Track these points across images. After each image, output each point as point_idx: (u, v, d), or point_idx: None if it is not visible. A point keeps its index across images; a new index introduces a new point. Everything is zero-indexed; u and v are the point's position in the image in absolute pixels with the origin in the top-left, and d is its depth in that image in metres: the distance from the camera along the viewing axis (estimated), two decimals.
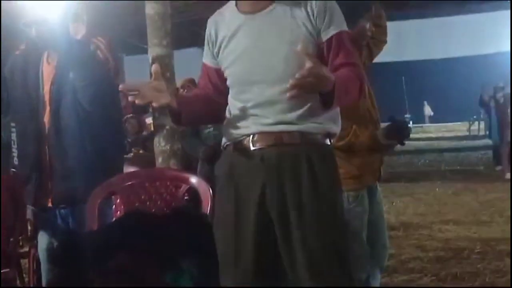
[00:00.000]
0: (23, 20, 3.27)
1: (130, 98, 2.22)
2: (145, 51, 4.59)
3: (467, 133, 22.77)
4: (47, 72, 3.37)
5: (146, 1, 3.78)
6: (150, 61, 3.99)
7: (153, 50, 3.79)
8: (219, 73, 2.45)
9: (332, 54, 2.29)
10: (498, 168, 12.11)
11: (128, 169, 4.47)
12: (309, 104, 2.27)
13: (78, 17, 3.37)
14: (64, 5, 3.33)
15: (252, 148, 2.31)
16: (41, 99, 3.36)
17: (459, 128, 24.84)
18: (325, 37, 2.28)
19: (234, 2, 2.40)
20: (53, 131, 3.31)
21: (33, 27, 3.27)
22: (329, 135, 2.37)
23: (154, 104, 2.26)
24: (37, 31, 3.27)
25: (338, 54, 2.29)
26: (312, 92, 2.12)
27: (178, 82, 5.91)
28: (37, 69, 3.39)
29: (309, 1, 2.28)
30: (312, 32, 2.27)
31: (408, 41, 16.43)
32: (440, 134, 23.78)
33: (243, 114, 2.33)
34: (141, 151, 6.75)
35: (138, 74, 9.73)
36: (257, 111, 2.30)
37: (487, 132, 15.46)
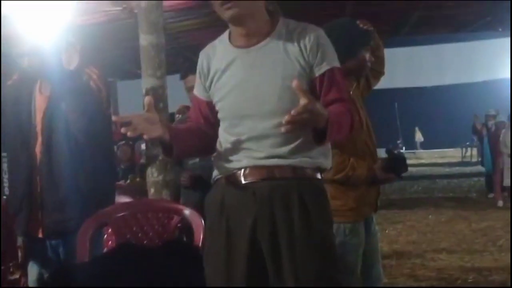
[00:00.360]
0: (15, 50, 3.27)
1: (122, 130, 2.21)
2: (138, 76, 4.60)
3: (460, 160, 22.83)
4: (39, 102, 3.36)
5: (140, 33, 3.79)
6: (144, 91, 3.98)
7: (147, 81, 3.80)
8: (210, 106, 2.45)
9: (324, 90, 2.29)
10: (491, 195, 12.13)
11: (121, 199, 4.46)
12: (301, 139, 2.27)
13: (72, 47, 3.36)
14: (57, 35, 3.33)
15: (243, 181, 2.30)
16: (33, 129, 3.34)
17: (451, 154, 24.90)
18: (317, 72, 2.29)
19: (227, 35, 2.40)
20: (45, 162, 3.29)
21: (25, 57, 3.27)
22: (320, 169, 2.37)
23: (145, 137, 2.25)
24: (30, 61, 3.27)
25: (330, 90, 2.29)
26: (306, 128, 2.12)
27: (175, 108, 5.93)
28: (30, 99, 3.38)
29: (302, 36, 2.29)
30: (305, 67, 2.28)
31: (400, 68, 16.54)
32: (432, 161, 23.81)
33: (235, 148, 2.33)
34: (138, 179, 6.73)
35: (131, 99, 9.76)
36: (249, 144, 2.30)
37: (480, 159, 15.52)
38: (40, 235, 3.37)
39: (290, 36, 2.30)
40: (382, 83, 4.35)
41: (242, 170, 2.31)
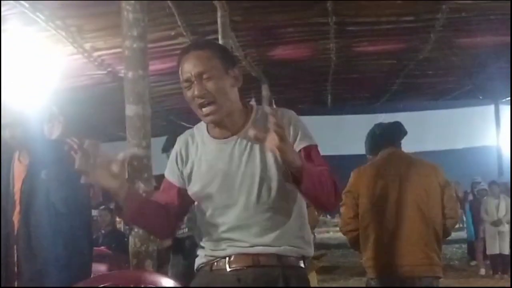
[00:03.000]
0: None
1: (82, 180, 2.16)
2: (122, 138, 4.60)
3: None
4: (18, 171, 3.33)
5: (126, 103, 3.80)
6: (129, 160, 3.97)
7: (132, 150, 3.78)
8: (180, 192, 2.42)
9: None
10: (473, 263, 12.09)
11: (100, 267, 4.37)
12: (284, 226, 2.28)
13: (54, 117, 3.35)
14: (41, 105, 3.33)
15: (228, 269, 2.29)
16: (10, 198, 3.30)
17: None
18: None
19: (204, 124, 2.40)
20: (22, 231, 3.24)
21: (6, 129, 3.25)
22: (304, 258, 2.37)
23: (100, 184, 2.19)
24: (11, 132, 3.25)
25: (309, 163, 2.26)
26: (283, 158, 2.04)
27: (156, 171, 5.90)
28: (8, 168, 3.34)
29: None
30: None
31: None
32: None
33: (219, 237, 2.32)
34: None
35: None
36: (233, 234, 2.30)
37: (461, 225, 15.54)
38: None
39: (263, 123, 2.26)
40: (363, 149, 4.36)
41: (227, 258, 2.30)
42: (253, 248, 2.27)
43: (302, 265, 2.36)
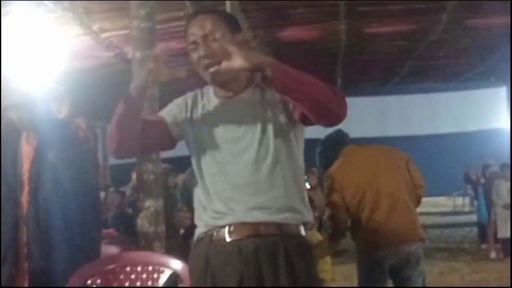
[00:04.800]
0: (3, 103, 3.27)
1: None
2: None
3: (452, 208, 22.75)
4: (26, 152, 3.34)
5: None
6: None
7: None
8: (165, 131, 2.41)
9: None
10: (483, 246, 12.02)
11: (110, 249, 4.36)
12: (284, 185, 2.29)
13: (61, 97, 3.38)
14: (48, 84, 3.33)
15: (228, 239, 2.28)
16: (19, 179, 3.32)
17: (444, 203, 24.84)
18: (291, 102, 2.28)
19: (211, 87, 2.43)
20: (32, 211, 3.26)
21: (14, 110, 3.27)
22: (304, 224, 2.38)
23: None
24: (19, 113, 3.27)
25: None
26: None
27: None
28: (16, 149, 3.36)
29: None
30: (285, 111, 2.31)
31: (392, 116, 16.61)
32: (424, 209, 23.79)
33: (217, 199, 2.32)
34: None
35: None
36: (232, 194, 2.29)
37: (472, 208, 15.49)
38: (26, 286, 3.30)
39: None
40: (374, 131, 4.43)
41: (227, 228, 2.29)
42: (253, 214, 2.27)
43: (302, 232, 2.37)
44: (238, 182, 2.29)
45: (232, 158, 2.31)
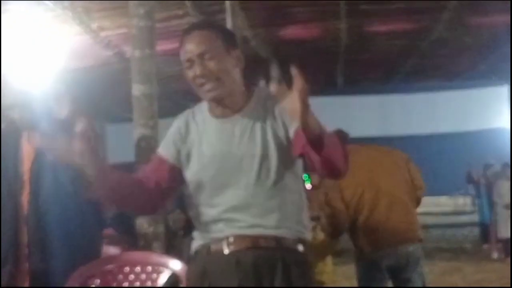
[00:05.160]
0: (5, 103, 3.28)
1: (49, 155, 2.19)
2: (127, 120, 4.57)
3: (454, 208, 22.76)
4: (27, 151, 3.34)
5: (133, 82, 3.76)
6: (136, 141, 3.97)
7: (139, 131, 3.76)
8: (171, 169, 2.37)
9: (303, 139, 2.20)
10: (485, 246, 12.01)
11: (110, 249, 4.35)
12: (283, 208, 2.26)
13: (61, 97, 3.36)
14: (49, 84, 3.32)
15: (227, 250, 2.26)
16: (19, 179, 3.31)
17: (445, 202, 24.85)
18: (292, 130, 2.23)
19: (206, 103, 2.37)
20: (32, 211, 3.26)
21: (15, 109, 3.27)
22: (302, 241, 2.34)
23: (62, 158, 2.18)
24: (20, 113, 3.27)
25: None
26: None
27: None
28: (16, 149, 3.35)
29: (275, 101, 2.24)
30: (281, 131, 2.27)
31: (394, 115, 16.58)
32: (425, 209, 23.78)
33: (216, 219, 2.29)
34: None
35: (120, 143, 9.73)
36: (231, 215, 2.26)
37: (473, 208, 15.47)
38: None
39: (264, 103, 2.31)
40: (375, 131, 4.43)
41: (226, 240, 2.27)
42: (252, 229, 2.24)
43: (300, 249, 2.33)
44: (237, 204, 2.26)
45: (231, 180, 2.27)
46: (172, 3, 7.20)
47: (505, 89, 15.55)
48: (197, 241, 2.37)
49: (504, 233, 10.67)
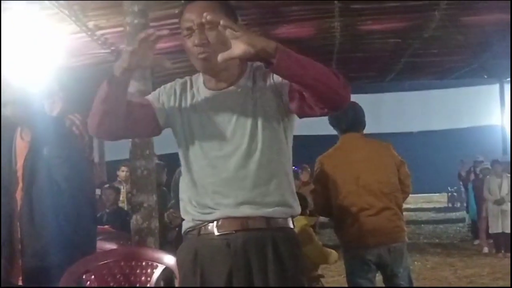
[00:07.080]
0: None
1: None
2: None
3: (446, 205, 22.79)
4: (20, 148, 3.34)
5: None
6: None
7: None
8: (152, 116, 2.37)
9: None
10: (476, 242, 12.10)
11: (105, 245, 4.39)
12: (274, 180, 2.30)
13: (54, 94, 3.37)
14: (41, 82, 3.33)
15: (216, 233, 2.30)
16: (13, 175, 3.31)
17: (437, 199, 24.86)
18: (285, 92, 2.27)
19: (201, 76, 2.40)
20: (26, 208, 3.26)
21: (8, 106, 3.25)
22: (292, 216, 2.39)
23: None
24: (13, 109, 3.26)
25: None
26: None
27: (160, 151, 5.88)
28: (10, 145, 3.35)
29: (267, 72, 2.27)
30: (275, 100, 2.30)
31: (386, 113, 16.62)
32: (418, 205, 23.78)
33: (205, 194, 2.32)
34: None
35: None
36: (219, 188, 2.29)
37: (464, 204, 15.55)
38: (20, 283, 3.30)
39: (257, 74, 2.33)
40: (368, 128, 4.46)
41: (215, 222, 2.30)
42: (241, 209, 2.27)
43: (290, 225, 2.38)
44: (227, 176, 2.28)
45: (222, 152, 2.30)
46: (167, 2, 7.22)
47: (496, 87, 15.61)
48: (187, 223, 2.39)
49: (495, 228, 10.78)
